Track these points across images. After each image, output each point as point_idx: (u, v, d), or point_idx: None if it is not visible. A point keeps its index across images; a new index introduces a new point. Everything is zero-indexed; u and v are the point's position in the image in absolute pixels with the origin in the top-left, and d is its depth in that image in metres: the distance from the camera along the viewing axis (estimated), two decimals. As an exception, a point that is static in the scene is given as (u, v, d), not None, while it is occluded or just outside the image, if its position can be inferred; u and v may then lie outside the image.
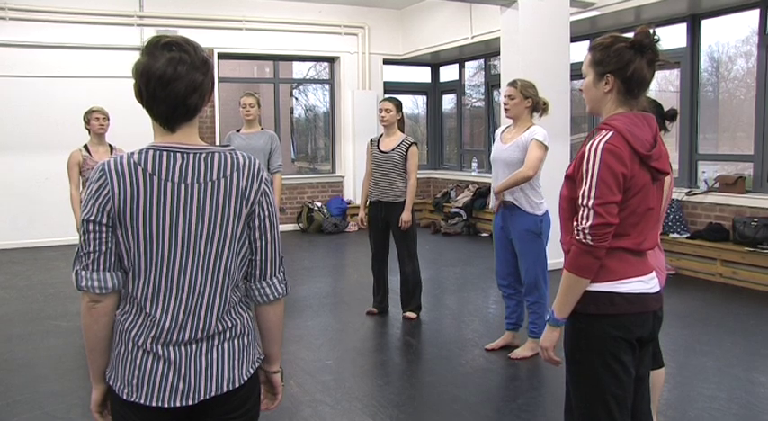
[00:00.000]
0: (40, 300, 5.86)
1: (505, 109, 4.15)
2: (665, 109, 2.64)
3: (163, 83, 1.47)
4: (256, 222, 1.59)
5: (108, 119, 5.06)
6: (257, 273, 1.62)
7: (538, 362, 4.11)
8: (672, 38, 7.02)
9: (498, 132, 4.33)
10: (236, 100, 6.19)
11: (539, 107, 4.11)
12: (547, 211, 4.12)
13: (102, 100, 5.71)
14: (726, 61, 7.20)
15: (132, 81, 1.53)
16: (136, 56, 1.53)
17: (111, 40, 8.66)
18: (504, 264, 4.29)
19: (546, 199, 4.15)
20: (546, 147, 4.02)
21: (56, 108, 8.28)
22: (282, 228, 9.07)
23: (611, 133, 1.92)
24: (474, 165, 10.39)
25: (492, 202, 4.22)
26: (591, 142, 1.93)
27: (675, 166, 6.98)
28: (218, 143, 8.96)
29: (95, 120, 4.99)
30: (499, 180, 4.13)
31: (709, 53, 7.12)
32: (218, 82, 9.46)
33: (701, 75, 7.05)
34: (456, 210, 9.62)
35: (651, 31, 1.95)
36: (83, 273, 1.51)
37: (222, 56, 9.42)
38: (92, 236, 1.50)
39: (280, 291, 1.66)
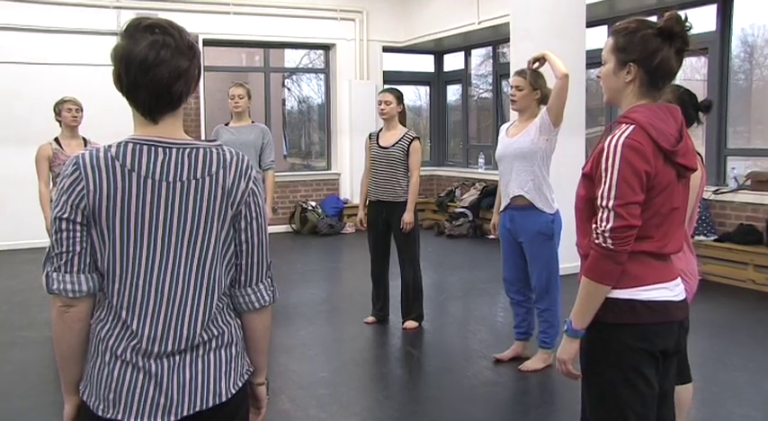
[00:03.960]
0: (4, 309, 5.85)
1: (512, 100, 4.16)
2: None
3: (144, 68, 1.46)
4: (243, 224, 1.58)
5: (81, 110, 5.02)
6: (242, 278, 1.62)
7: (550, 375, 4.10)
8: (700, 21, 6.99)
9: (504, 128, 4.34)
10: (223, 90, 6.20)
11: (547, 99, 4.12)
12: (558, 210, 4.12)
13: (75, 89, 5.67)
14: (761, 46, 7.16)
15: (110, 68, 1.51)
16: (112, 41, 1.53)
17: (86, 24, 8.64)
18: (513, 268, 4.28)
19: (557, 199, 4.15)
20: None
21: (24, 98, 8.20)
22: (274, 229, 9.05)
23: (631, 127, 1.89)
24: (481, 161, 10.39)
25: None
26: (610, 137, 1.91)
27: (703, 162, 6.96)
28: (203, 137, 8.96)
29: (67, 112, 4.95)
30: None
31: (741, 37, 7.09)
32: (204, 71, 9.39)
33: (732, 61, 7.00)
34: (461, 209, 9.62)
35: (683, 16, 1.91)
36: (54, 274, 1.50)
37: (208, 42, 9.41)
38: (64, 235, 1.49)
39: (266, 298, 1.65)
